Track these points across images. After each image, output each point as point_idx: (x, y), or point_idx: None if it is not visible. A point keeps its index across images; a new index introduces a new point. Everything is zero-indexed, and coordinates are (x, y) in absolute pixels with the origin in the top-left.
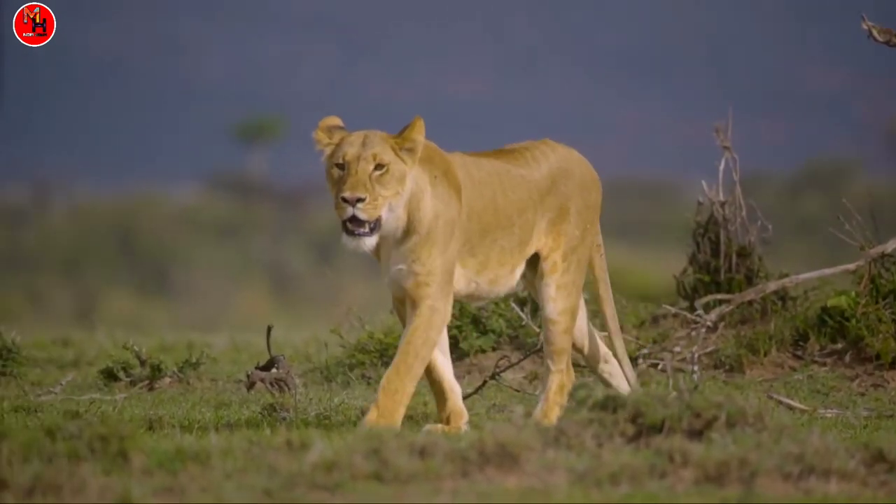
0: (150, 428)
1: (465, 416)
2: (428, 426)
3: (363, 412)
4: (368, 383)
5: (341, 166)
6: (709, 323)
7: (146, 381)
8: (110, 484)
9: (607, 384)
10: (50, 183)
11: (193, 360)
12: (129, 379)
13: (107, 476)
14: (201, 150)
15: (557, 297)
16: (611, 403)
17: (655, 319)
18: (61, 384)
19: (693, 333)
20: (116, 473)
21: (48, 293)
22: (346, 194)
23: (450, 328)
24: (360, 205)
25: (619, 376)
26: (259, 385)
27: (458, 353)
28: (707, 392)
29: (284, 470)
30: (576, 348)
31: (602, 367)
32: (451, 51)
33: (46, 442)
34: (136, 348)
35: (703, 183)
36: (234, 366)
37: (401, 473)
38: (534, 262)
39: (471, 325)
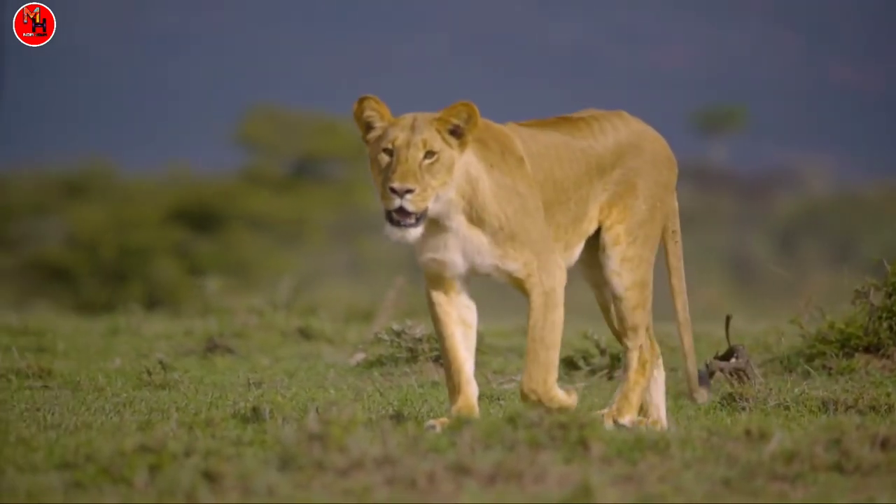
0: None
1: (476, 413)
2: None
3: (823, 402)
4: (829, 374)
5: (389, 152)
6: None
7: (606, 370)
8: (570, 472)
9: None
10: None
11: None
12: (588, 368)
13: (566, 464)
14: None
15: (622, 271)
16: None
17: None
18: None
19: None
20: (576, 461)
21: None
22: (395, 185)
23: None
24: (408, 196)
25: (660, 384)
26: (718, 375)
27: None
28: None
29: (743, 460)
30: (621, 342)
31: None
32: None
33: (508, 429)
34: (595, 337)
35: None
36: (696, 355)
37: (862, 465)
38: (595, 241)
39: None
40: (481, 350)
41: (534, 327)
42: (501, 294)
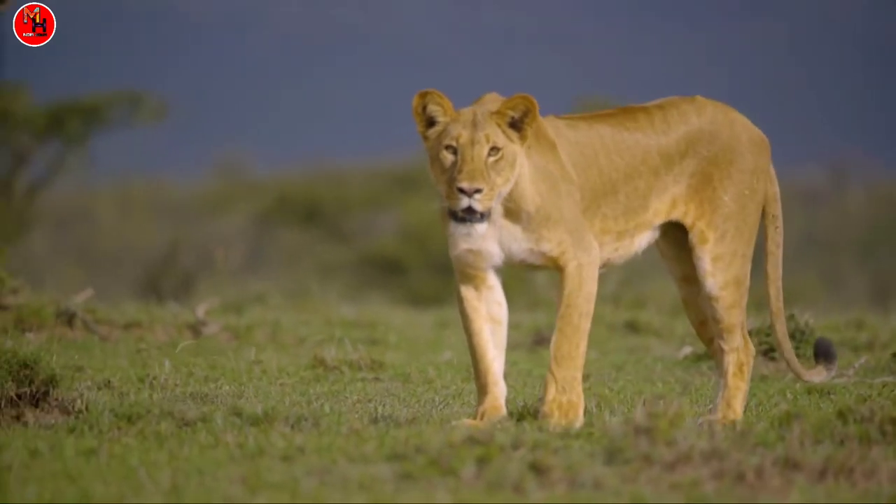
0: None
1: (503, 414)
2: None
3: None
4: None
5: (453, 150)
6: None
7: None
8: None
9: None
10: (847, 166)
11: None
12: None
13: None
14: None
15: (715, 271)
16: None
17: None
18: (854, 367)
19: None
20: None
21: (844, 275)
22: (464, 185)
23: None
24: (477, 196)
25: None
26: None
27: None
28: None
29: None
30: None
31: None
32: None
33: (838, 424)
34: None
35: None
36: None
37: None
38: (681, 235)
39: None
40: (810, 343)
41: (569, 295)
42: (832, 287)
